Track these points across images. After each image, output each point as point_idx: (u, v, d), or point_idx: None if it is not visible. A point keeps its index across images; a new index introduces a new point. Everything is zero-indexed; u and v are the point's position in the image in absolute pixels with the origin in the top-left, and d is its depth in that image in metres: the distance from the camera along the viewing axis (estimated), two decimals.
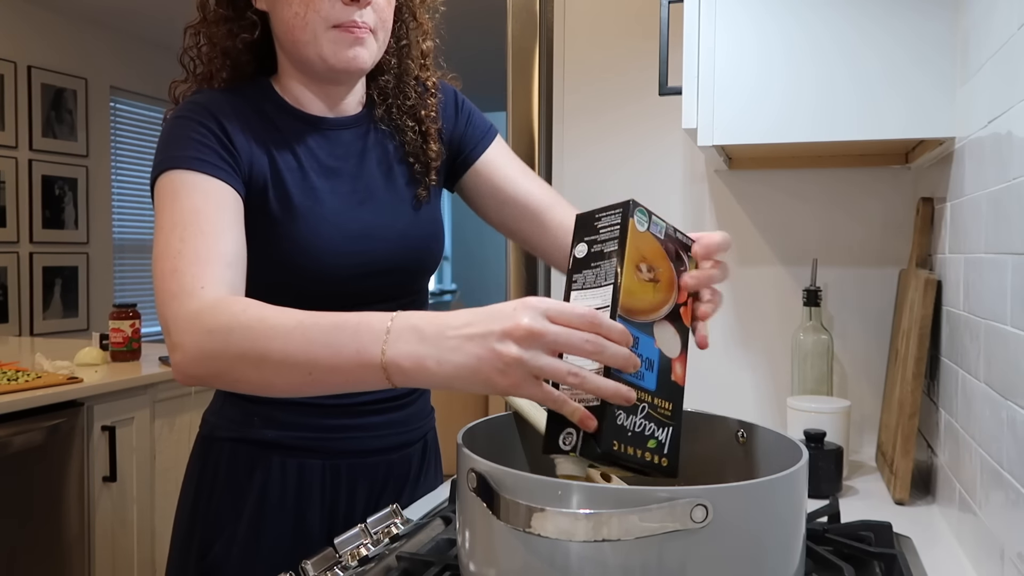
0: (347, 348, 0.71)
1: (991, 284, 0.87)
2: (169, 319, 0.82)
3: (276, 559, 1.03)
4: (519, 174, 1.14)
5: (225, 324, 0.77)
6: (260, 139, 1.00)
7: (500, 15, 1.67)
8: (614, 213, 0.69)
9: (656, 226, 0.70)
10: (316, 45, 0.97)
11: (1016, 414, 0.76)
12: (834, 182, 1.52)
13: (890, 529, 0.92)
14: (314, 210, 1.00)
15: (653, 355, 0.72)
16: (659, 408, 0.73)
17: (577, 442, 0.69)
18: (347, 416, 1.08)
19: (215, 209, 0.90)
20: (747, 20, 1.19)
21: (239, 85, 1.04)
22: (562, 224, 1.09)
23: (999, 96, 0.86)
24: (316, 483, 1.07)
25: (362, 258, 1.02)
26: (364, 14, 0.97)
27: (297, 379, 0.74)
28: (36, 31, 4.45)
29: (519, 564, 0.64)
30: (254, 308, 0.78)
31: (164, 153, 0.94)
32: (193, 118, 0.96)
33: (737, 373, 1.58)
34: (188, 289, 0.82)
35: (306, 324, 0.74)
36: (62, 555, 2.14)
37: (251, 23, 1.01)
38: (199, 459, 1.10)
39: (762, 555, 0.64)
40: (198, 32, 1.05)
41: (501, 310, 0.66)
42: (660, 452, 0.73)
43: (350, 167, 1.05)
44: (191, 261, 0.84)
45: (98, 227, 4.85)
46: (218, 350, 0.77)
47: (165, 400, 2.45)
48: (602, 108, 1.67)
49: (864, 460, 1.42)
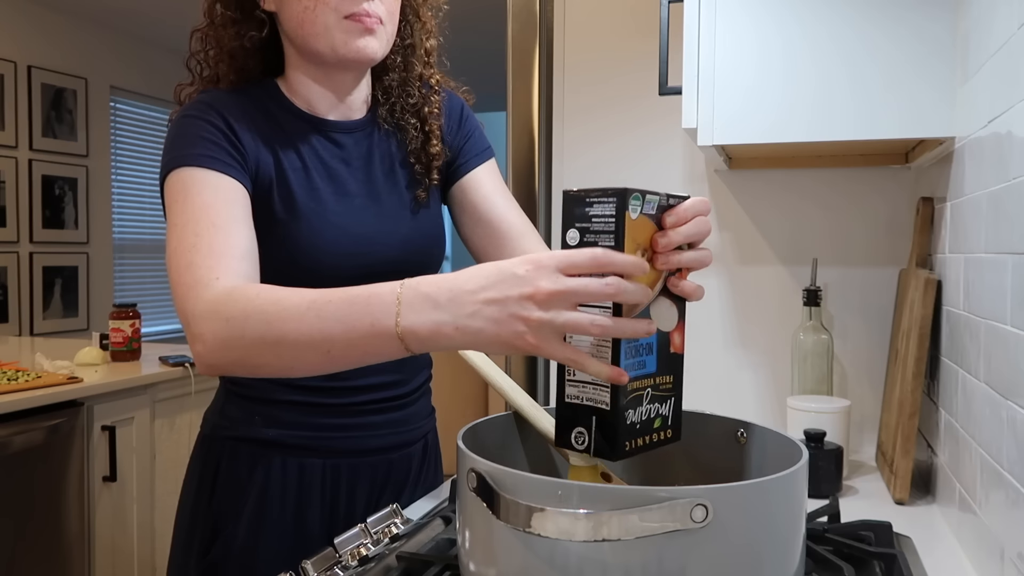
0: (361, 322, 0.72)
1: (991, 284, 0.87)
2: (187, 311, 0.83)
3: (276, 558, 1.04)
4: (501, 198, 1.14)
5: (241, 311, 0.78)
6: (266, 139, 1.01)
7: (500, 15, 1.68)
8: (607, 202, 0.67)
9: (649, 204, 0.69)
10: (327, 36, 0.98)
11: (1016, 414, 0.76)
12: (834, 182, 1.52)
13: (890, 529, 0.92)
14: (317, 211, 1.01)
15: (651, 338, 0.71)
16: (661, 386, 0.73)
17: (590, 443, 0.70)
18: (347, 415, 1.08)
19: (226, 205, 0.91)
20: (747, 20, 1.19)
21: (245, 86, 1.05)
22: (526, 252, 1.07)
23: (999, 96, 0.86)
24: (316, 482, 1.07)
25: (364, 259, 1.03)
26: (373, 4, 0.98)
27: (316, 358, 0.75)
28: (36, 31, 4.45)
29: (519, 564, 0.64)
30: (267, 292, 0.78)
31: (173, 152, 0.95)
32: (201, 116, 0.97)
33: (737, 373, 1.58)
34: (204, 281, 0.84)
35: (318, 303, 0.74)
36: (62, 555, 2.14)
37: (259, 21, 1.02)
38: (200, 458, 1.10)
39: (762, 555, 0.64)
40: (205, 36, 1.06)
41: (514, 272, 0.66)
42: (665, 427, 0.74)
43: (354, 170, 1.06)
44: (205, 254, 0.86)
45: (98, 227, 4.86)
46: (236, 337, 0.77)
47: (165, 400, 2.45)
48: (602, 108, 1.67)
49: (864, 460, 1.42)
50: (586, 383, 0.70)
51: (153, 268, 5.33)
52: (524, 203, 1.62)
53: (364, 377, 1.08)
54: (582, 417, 0.70)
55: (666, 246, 0.69)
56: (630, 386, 0.69)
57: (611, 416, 0.68)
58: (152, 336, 5.06)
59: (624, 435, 0.69)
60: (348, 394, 1.07)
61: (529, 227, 1.13)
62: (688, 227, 0.70)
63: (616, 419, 0.68)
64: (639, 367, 0.70)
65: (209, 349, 0.79)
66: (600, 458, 0.71)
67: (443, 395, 1.26)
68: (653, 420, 0.73)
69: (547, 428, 0.87)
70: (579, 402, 0.71)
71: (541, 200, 1.71)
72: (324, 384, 1.06)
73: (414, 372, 1.15)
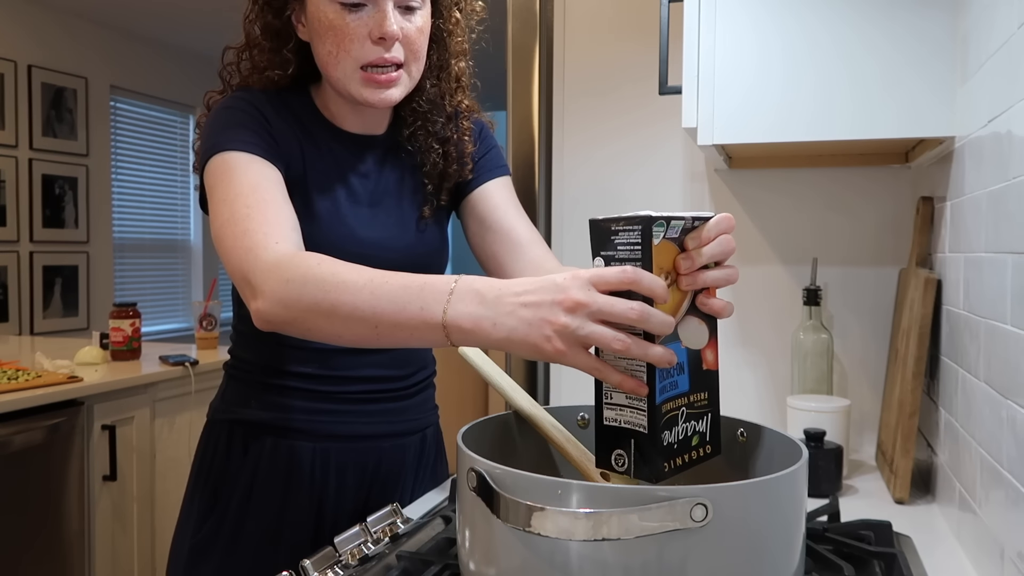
0: (411, 306, 0.75)
1: (991, 283, 0.87)
2: (248, 269, 0.86)
3: (261, 539, 1.07)
4: (512, 209, 1.16)
5: (301, 275, 0.81)
6: (295, 139, 1.05)
7: (500, 15, 1.67)
8: (632, 230, 0.67)
9: (673, 229, 0.69)
10: (347, 83, 1.01)
11: (1016, 413, 0.76)
12: (834, 181, 1.52)
13: (890, 528, 0.92)
14: (330, 212, 1.05)
15: (681, 357, 0.72)
16: (696, 403, 0.74)
17: (630, 465, 0.71)
18: (341, 402, 1.10)
19: (270, 185, 0.96)
20: (747, 20, 1.19)
21: (279, 90, 1.08)
22: (534, 261, 1.09)
23: (999, 95, 0.86)
24: (306, 465, 1.09)
25: (368, 262, 1.04)
26: (393, 52, 1.00)
27: (364, 331, 0.78)
28: (36, 30, 4.45)
29: (519, 563, 0.64)
30: (328, 263, 0.82)
31: (215, 137, 0.98)
32: (241, 108, 1.02)
33: (737, 372, 1.58)
34: (263, 244, 0.87)
35: (376, 282, 0.78)
36: (62, 554, 2.14)
37: (287, 60, 1.05)
38: (202, 443, 1.15)
39: (762, 554, 0.64)
40: (240, 53, 1.09)
41: (554, 280, 0.69)
42: (703, 443, 0.75)
43: (368, 181, 1.10)
44: (260, 223, 0.90)
45: (98, 226, 4.85)
46: (293, 299, 0.81)
47: (165, 399, 2.45)
48: (602, 107, 1.67)
49: (864, 459, 1.42)
50: (623, 406, 0.71)
51: (153, 267, 5.33)
52: (524, 203, 1.62)
53: (361, 368, 1.10)
54: (621, 440, 0.71)
55: (689, 268, 0.71)
56: (664, 407, 0.70)
57: (648, 438, 0.69)
58: (152, 335, 5.06)
59: (662, 456, 0.70)
60: (343, 383, 1.10)
61: (538, 238, 1.14)
62: (711, 247, 0.71)
63: (654, 441, 0.69)
64: (671, 388, 0.71)
65: (268, 305, 0.83)
66: (640, 479, 0.71)
67: (443, 395, 1.27)
68: (691, 438, 0.73)
69: (547, 428, 0.87)
70: (617, 425, 0.71)
71: (541, 200, 1.71)
72: (320, 372, 1.08)
73: (413, 368, 1.16)
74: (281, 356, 1.08)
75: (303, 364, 1.08)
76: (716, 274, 0.72)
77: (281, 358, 1.08)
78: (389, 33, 0.97)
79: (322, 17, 0.98)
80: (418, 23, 1.01)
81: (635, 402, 0.70)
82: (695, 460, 0.74)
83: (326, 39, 0.99)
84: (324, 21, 0.98)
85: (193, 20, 4.69)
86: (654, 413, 0.69)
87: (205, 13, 4.49)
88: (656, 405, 0.69)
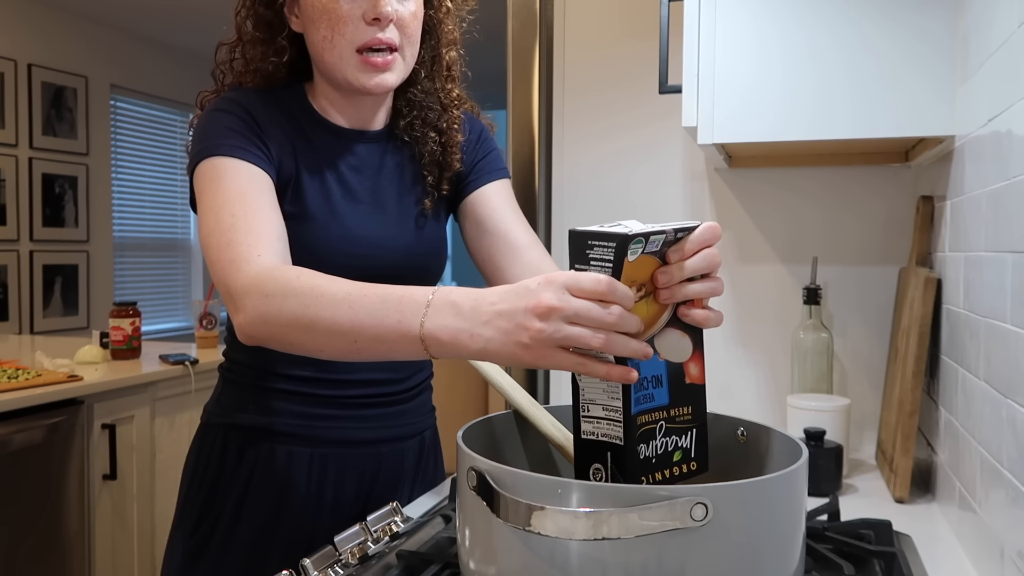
0: (389, 319, 0.75)
1: (991, 282, 0.87)
2: (229, 284, 0.87)
3: (257, 544, 1.06)
4: (511, 212, 1.15)
5: (280, 290, 0.81)
6: (288, 139, 1.04)
7: (500, 15, 1.67)
8: (607, 246, 0.66)
9: (652, 243, 0.67)
10: (343, 68, 1.01)
11: (1016, 412, 0.76)
12: (834, 180, 1.52)
13: (890, 527, 0.92)
14: (326, 211, 1.04)
15: (659, 370, 0.71)
16: (678, 418, 0.73)
17: (607, 478, 0.70)
18: (338, 407, 1.09)
19: (259, 191, 0.95)
20: (746, 19, 1.19)
21: (272, 87, 1.07)
22: (531, 264, 1.09)
23: (999, 94, 0.86)
24: (303, 471, 1.08)
25: (366, 261, 1.04)
26: (388, 32, 1.00)
27: (344, 346, 0.78)
28: (36, 29, 4.45)
29: (519, 562, 0.64)
30: (307, 276, 0.82)
31: (204, 142, 0.98)
32: (230, 111, 1.01)
33: (737, 371, 1.58)
34: (246, 256, 0.87)
35: (354, 295, 0.78)
36: (62, 553, 2.14)
37: (282, 48, 1.05)
38: (196, 445, 1.14)
39: (762, 553, 0.64)
40: (232, 49, 1.08)
41: (527, 287, 0.69)
42: (687, 459, 0.73)
43: (365, 178, 1.09)
44: (245, 233, 0.89)
45: (98, 225, 4.85)
46: (273, 315, 0.81)
47: (165, 398, 2.45)
48: (602, 107, 1.67)
49: (864, 458, 1.42)
50: (600, 419, 0.70)
51: (153, 266, 5.33)
52: (524, 203, 1.62)
53: (357, 372, 1.09)
54: (598, 453, 0.71)
55: (666, 282, 0.70)
56: (639, 420, 0.69)
57: (624, 451, 0.68)
58: (152, 334, 5.06)
59: (639, 470, 0.69)
60: (339, 387, 1.09)
61: (536, 241, 1.13)
62: (693, 261, 0.70)
63: (629, 454, 0.68)
64: (646, 400, 0.70)
65: (248, 321, 0.83)
66: None
67: (443, 395, 1.26)
68: (672, 453, 0.72)
69: (547, 427, 0.87)
70: (595, 438, 0.71)
71: (541, 200, 1.71)
72: (316, 375, 1.08)
73: (411, 371, 1.15)
74: (275, 358, 1.07)
75: (299, 367, 1.07)
76: (698, 287, 0.71)
77: (275, 360, 1.07)
78: (383, 13, 0.97)
79: (315, 2, 0.99)
80: (411, 8, 1.02)
81: (611, 414, 0.69)
82: (677, 476, 0.73)
83: (320, 24, 0.99)
84: (317, 6, 0.99)
85: (193, 19, 4.69)
86: (629, 425, 0.68)
87: (206, 12, 4.49)
88: (631, 416, 0.68)
